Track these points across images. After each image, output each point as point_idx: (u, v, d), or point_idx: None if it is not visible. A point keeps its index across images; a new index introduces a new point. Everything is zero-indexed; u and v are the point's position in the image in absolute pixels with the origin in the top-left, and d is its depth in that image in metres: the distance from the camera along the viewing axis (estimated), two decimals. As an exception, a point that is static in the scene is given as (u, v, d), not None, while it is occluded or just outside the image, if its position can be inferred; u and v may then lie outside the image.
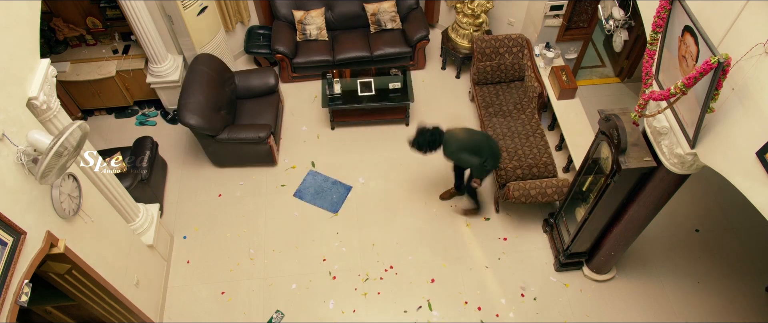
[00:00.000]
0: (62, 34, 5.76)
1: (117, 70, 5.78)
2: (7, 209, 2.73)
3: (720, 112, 2.72)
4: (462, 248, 5.23)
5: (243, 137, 5.37)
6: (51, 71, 3.28)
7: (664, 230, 5.27)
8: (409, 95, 5.94)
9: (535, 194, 4.91)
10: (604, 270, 4.94)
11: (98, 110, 6.37)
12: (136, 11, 4.99)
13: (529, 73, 5.85)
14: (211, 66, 5.59)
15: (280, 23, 6.53)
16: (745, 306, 4.86)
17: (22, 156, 2.84)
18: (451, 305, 4.87)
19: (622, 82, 6.66)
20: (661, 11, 2.87)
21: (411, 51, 6.52)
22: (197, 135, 5.38)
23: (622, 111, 3.70)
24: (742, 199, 2.71)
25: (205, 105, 5.22)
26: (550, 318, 4.81)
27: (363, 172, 5.81)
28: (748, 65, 2.44)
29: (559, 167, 5.77)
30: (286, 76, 6.63)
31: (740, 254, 5.19)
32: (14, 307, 2.71)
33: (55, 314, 4.19)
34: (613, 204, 4.09)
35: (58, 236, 3.16)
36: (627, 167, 3.53)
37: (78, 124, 2.88)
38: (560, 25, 5.73)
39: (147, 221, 4.70)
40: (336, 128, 6.23)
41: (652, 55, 3.17)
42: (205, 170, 5.85)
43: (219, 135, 5.32)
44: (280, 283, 5.02)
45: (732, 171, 2.71)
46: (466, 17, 6.20)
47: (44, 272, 3.33)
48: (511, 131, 5.61)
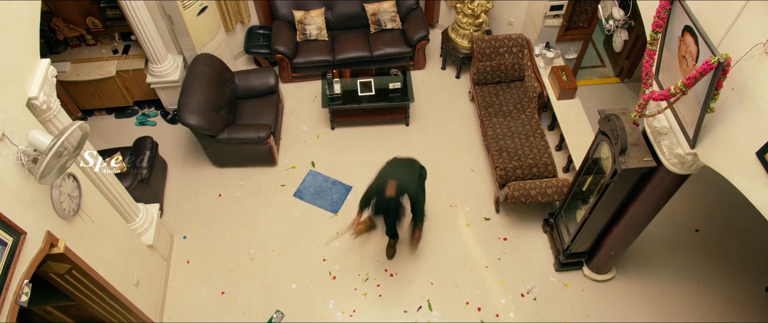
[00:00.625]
0: (62, 34, 5.76)
1: (117, 70, 5.78)
2: (7, 209, 2.73)
3: (720, 112, 2.72)
4: (462, 248, 5.23)
5: (243, 137, 5.37)
6: (51, 71, 3.28)
7: (664, 230, 5.27)
8: (409, 95, 5.94)
9: (535, 194, 4.91)
10: (604, 270, 4.94)
11: (98, 110, 6.37)
12: (136, 11, 4.99)
13: (529, 73, 5.85)
14: (211, 66, 5.59)
15: (280, 23, 6.53)
16: (745, 306, 4.86)
17: (22, 156, 2.84)
18: (451, 305, 4.87)
19: (622, 82, 6.66)
20: (661, 11, 2.87)
21: (411, 51, 6.52)
22: (197, 135, 5.38)
23: (622, 111, 3.70)
24: (742, 199, 2.71)
25: (205, 105, 5.21)
26: (550, 318, 4.81)
27: (363, 172, 5.81)
28: (748, 65, 2.44)
29: (559, 167, 5.78)
30: (286, 76, 6.63)
31: (740, 254, 5.18)
32: (14, 307, 2.71)
33: (55, 314, 4.19)
34: (613, 204, 4.09)
35: (58, 236, 3.16)
36: (627, 167, 3.53)
37: (78, 124, 2.88)
38: (560, 25, 5.73)
39: (147, 221, 4.70)
40: (336, 128, 6.23)
41: (652, 55, 3.17)
42: (205, 170, 5.85)
43: (219, 135, 5.32)
44: (280, 283, 5.02)
45: (732, 171, 2.71)
46: (466, 17, 6.20)
47: (44, 272, 3.33)
48: (511, 131, 5.61)
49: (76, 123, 2.88)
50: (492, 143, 5.53)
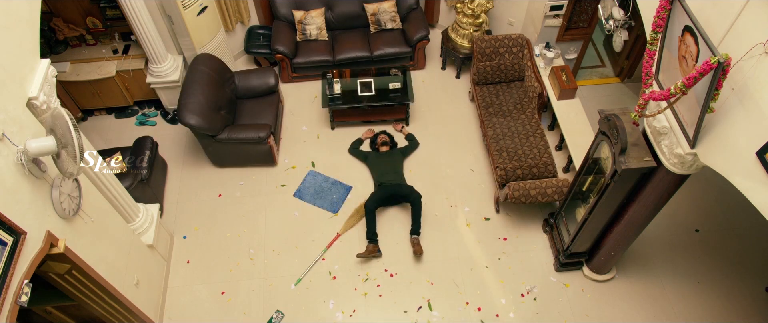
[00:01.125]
0: (62, 34, 5.76)
1: (117, 70, 5.78)
2: (7, 209, 2.73)
3: (720, 112, 2.72)
4: (462, 248, 5.23)
5: (243, 137, 5.37)
6: (51, 71, 3.28)
7: (664, 230, 5.27)
8: (409, 95, 5.94)
9: (535, 194, 4.91)
10: (604, 270, 4.94)
11: (98, 110, 6.37)
12: (136, 11, 4.99)
13: (529, 73, 5.85)
14: (211, 66, 5.59)
15: (280, 23, 6.53)
16: (745, 306, 4.86)
17: (22, 156, 2.84)
18: (451, 305, 4.87)
19: (622, 82, 6.66)
20: (661, 11, 2.87)
21: (411, 51, 6.52)
22: (197, 135, 5.38)
23: (622, 111, 3.70)
24: (742, 199, 2.71)
25: (205, 105, 5.22)
26: (550, 318, 4.81)
27: (363, 172, 5.81)
28: (748, 65, 2.44)
29: (559, 167, 5.78)
30: (286, 77, 6.63)
31: (740, 254, 5.18)
32: (14, 307, 2.71)
33: (55, 314, 4.19)
34: (613, 204, 4.09)
35: (58, 236, 3.16)
36: (627, 167, 3.53)
37: (64, 111, 2.83)
38: (560, 25, 5.73)
39: (147, 221, 4.70)
40: (336, 128, 6.23)
41: (652, 55, 3.17)
42: (205, 170, 5.85)
43: (219, 135, 5.32)
44: (280, 283, 5.02)
45: (732, 171, 2.71)
46: (466, 17, 6.20)
47: (44, 272, 3.33)
48: (511, 131, 5.61)
49: (62, 110, 2.82)
50: (492, 143, 5.53)
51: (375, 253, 5.05)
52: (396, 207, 5.52)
